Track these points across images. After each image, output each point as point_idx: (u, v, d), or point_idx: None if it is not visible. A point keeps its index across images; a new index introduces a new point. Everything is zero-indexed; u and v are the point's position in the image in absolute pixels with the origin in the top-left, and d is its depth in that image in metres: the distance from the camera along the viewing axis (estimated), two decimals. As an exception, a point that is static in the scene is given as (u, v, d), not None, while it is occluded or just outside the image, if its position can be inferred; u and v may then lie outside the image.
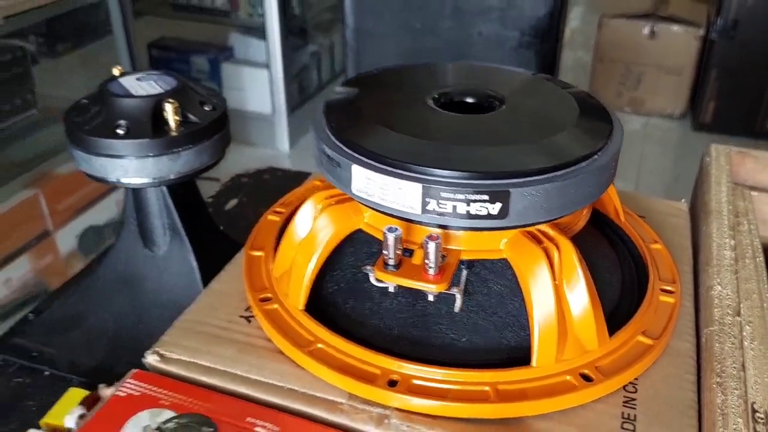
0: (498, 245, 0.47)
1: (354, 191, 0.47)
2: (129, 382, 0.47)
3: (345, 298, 0.52)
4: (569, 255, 0.47)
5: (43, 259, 1.49)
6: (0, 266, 1.39)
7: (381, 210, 0.46)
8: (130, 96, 0.65)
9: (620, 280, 0.55)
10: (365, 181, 0.46)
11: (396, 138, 0.47)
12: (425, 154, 0.45)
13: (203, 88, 0.72)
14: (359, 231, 0.51)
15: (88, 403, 0.65)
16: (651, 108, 2.83)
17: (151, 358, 0.49)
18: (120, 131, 0.62)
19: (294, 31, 2.50)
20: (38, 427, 0.64)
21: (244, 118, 2.49)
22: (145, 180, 0.64)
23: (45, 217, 1.48)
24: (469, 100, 0.54)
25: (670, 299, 0.54)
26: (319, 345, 0.48)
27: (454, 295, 0.46)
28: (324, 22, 2.81)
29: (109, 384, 0.66)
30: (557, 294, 0.46)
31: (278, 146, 2.50)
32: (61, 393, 0.68)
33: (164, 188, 0.70)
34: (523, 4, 2.03)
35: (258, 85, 2.42)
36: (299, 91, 2.58)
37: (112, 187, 1.64)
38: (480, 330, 0.48)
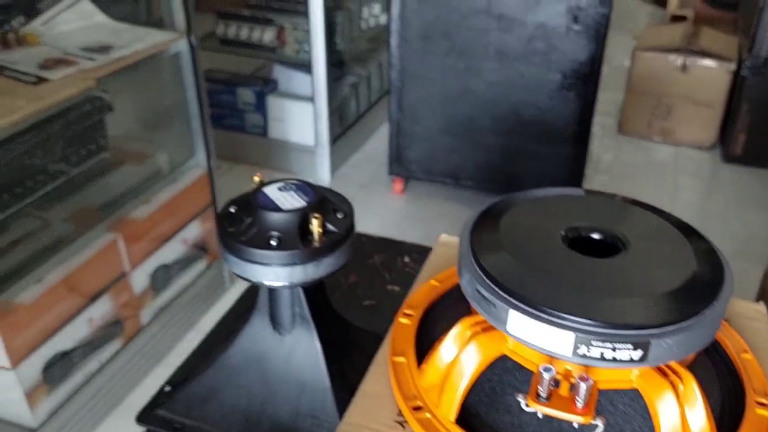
0: (629, 377, 0.56)
1: (509, 331, 0.55)
2: (315, 487, 0.56)
3: (486, 410, 0.60)
4: (691, 385, 0.55)
5: (119, 298, 1.58)
6: (84, 307, 1.48)
7: (533, 348, 0.55)
8: (280, 210, 0.73)
9: (719, 391, 0.64)
10: (520, 323, 0.54)
11: (546, 284, 0.55)
12: (577, 305, 0.53)
13: (331, 193, 0.80)
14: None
15: (239, 479, 0.74)
16: (680, 138, 2.90)
17: (327, 463, 0.58)
18: (273, 242, 0.71)
19: (334, 64, 2.59)
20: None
21: (287, 149, 2.58)
22: (287, 283, 0.73)
23: (123, 259, 1.57)
24: (596, 236, 0.62)
25: (764, 412, 0.62)
26: (473, 456, 0.57)
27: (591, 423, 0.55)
28: (362, 53, 2.90)
29: (254, 461, 0.75)
30: (681, 418, 0.55)
31: (319, 176, 2.59)
32: (206, 465, 0.77)
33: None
34: (566, 48, 2.12)
35: (301, 117, 2.51)
36: (339, 122, 2.67)
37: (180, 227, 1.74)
38: (610, 446, 0.57)
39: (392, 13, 2.16)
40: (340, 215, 0.76)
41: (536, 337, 0.54)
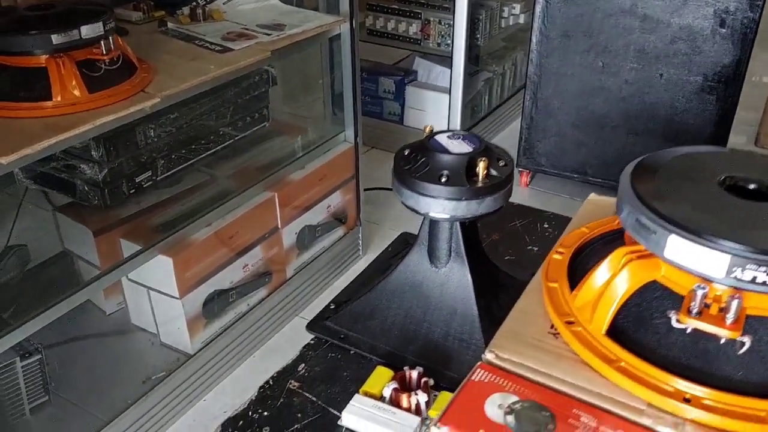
0: (777, 306, 0.62)
1: (666, 256, 0.62)
2: (479, 372, 0.65)
3: (634, 328, 0.68)
4: (836, 320, 0.60)
5: (271, 250, 1.75)
6: (241, 254, 1.66)
7: (688, 271, 0.62)
8: (450, 153, 0.84)
9: None
10: (678, 248, 0.61)
11: (703, 214, 0.62)
12: (733, 232, 0.60)
13: (494, 146, 0.90)
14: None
15: (398, 379, 0.86)
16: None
17: (489, 356, 0.68)
18: (443, 179, 0.81)
19: (471, 59, 2.68)
20: (357, 393, 0.85)
21: (420, 137, 2.70)
22: (450, 216, 0.83)
23: (276, 216, 1.74)
24: (750, 186, 0.68)
25: None
26: (622, 363, 0.64)
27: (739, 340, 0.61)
28: (498, 50, 2.98)
29: (412, 366, 0.86)
30: (823, 349, 0.60)
31: (449, 164, 2.69)
32: (366, 369, 0.89)
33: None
34: (710, 51, 2.11)
35: (437, 107, 2.62)
36: (471, 114, 2.77)
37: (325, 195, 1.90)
38: (753, 368, 0.63)
39: (535, 9, 2.23)
40: (501, 163, 0.86)
41: (693, 260, 0.61)
